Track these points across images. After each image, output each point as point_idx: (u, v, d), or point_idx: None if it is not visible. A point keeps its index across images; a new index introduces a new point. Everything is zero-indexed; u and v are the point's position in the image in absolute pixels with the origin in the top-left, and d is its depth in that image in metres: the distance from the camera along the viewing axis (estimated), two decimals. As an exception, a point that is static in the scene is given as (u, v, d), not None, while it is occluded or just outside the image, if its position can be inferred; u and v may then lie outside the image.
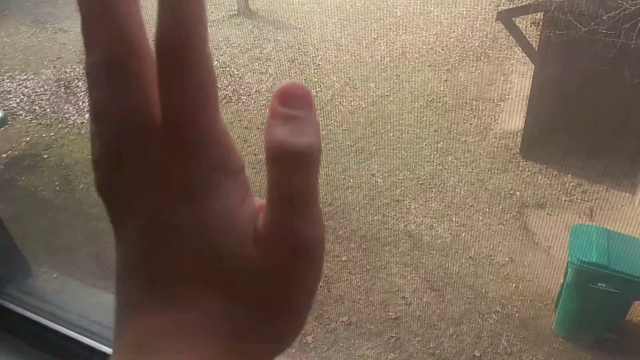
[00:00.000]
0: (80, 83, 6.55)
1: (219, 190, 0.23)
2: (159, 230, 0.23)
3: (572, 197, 4.78)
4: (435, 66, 7.27)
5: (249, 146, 5.65)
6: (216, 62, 7.72)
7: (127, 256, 0.24)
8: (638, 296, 3.27)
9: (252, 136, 5.94)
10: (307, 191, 0.23)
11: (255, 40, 8.54)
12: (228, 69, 7.56)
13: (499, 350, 3.39)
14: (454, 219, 4.29)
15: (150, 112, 0.23)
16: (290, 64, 7.59)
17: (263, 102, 6.56)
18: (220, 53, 8.04)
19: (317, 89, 5.66)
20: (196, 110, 0.22)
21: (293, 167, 0.23)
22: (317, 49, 7.48)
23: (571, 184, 4.94)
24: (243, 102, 6.68)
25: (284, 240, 0.23)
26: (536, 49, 4.99)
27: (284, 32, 8.67)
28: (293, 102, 0.23)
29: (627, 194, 4.80)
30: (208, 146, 0.23)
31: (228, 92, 6.88)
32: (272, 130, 0.22)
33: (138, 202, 0.23)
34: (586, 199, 4.80)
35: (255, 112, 6.40)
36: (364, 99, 6.28)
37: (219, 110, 0.23)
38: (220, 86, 7.07)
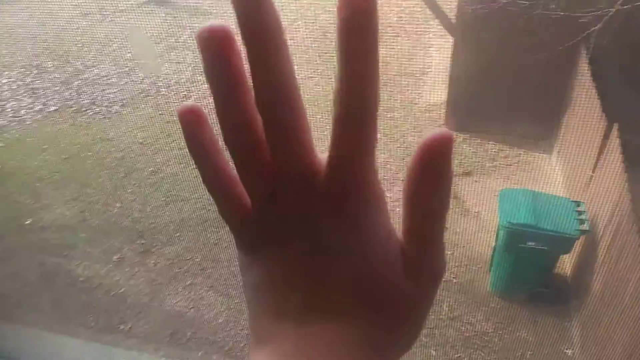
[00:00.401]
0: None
1: (373, 223, 0.28)
2: (322, 254, 0.27)
3: (495, 163, 4.99)
4: (355, 44, 7.30)
5: (173, 140, 5.43)
6: (129, 54, 7.36)
7: (280, 274, 0.28)
8: (564, 250, 3.48)
9: (175, 130, 5.71)
10: (441, 234, 0.28)
11: (169, 29, 8.20)
12: (142, 61, 7.22)
13: (441, 317, 3.50)
14: (388, 195, 4.27)
15: (308, 160, 0.27)
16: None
17: (184, 93, 6.33)
18: (132, 44, 7.67)
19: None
20: (363, 159, 0.26)
21: (434, 218, 0.27)
22: (236, 34, 7.28)
23: (493, 150, 5.15)
24: (163, 95, 6.40)
25: (428, 275, 0.29)
26: (454, 22, 5.10)
27: (199, 18, 8.36)
28: (442, 158, 0.25)
29: (545, 155, 5.08)
30: (365, 186, 0.27)
31: (145, 86, 6.57)
32: (419, 185, 0.26)
33: (302, 230, 0.28)
34: (508, 163, 5.03)
35: (176, 104, 6.15)
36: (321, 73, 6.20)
37: (375, 155, 0.26)
38: (135, 80, 6.75)
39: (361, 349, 0.27)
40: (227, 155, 0.30)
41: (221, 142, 0.29)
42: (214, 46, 0.26)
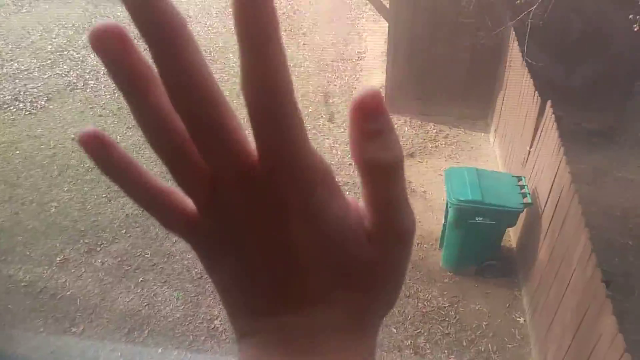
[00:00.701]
0: None
1: (322, 202, 0.26)
2: (277, 247, 0.27)
3: (437, 143, 5.14)
4: (291, 31, 7.25)
5: (109, 134, 5.15)
6: (50, 47, 6.93)
7: (243, 275, 0.28)
8: (510, 223, 3.64)
9: (110, 123, 5.46)
10: (401, 193, 0.27)
11: (91, 18, 7.79)
12: (66, 52, 6.81)
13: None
14: (337, 179, 4.37)
15: (242, 156, 0.25)
16: (138, 41, 7.02)
17: (114, 84, 6.04)
18: (54, 36, 7.22)
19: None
20: (290, 146, 0.24)
21: (387, 178, 0.26)
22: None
23: (434, 131, 5.30)
24: (92, 87, 6.06)
25: (393, 237, 0.28)
26: (387, 6, 5.16)
27: (123, 7, 7.99)
28: (374, 116, 0.24)
29: (483, 134, 5.29)
30: (302, 169, 0.25)
31: (71, 79, 6.21)
32: (361, 148, 0.25)
33: (253, 227, 0.27)
34: (449, 143, 5.19)
35: (108, 96, 5.86)
36: (225, 70, 6.07)
37: (306, 134, 0.24)
38: (60, 72, 6.36)
39: (338, 324, 0.28)
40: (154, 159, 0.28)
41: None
42: (110, 47, 0.23)
